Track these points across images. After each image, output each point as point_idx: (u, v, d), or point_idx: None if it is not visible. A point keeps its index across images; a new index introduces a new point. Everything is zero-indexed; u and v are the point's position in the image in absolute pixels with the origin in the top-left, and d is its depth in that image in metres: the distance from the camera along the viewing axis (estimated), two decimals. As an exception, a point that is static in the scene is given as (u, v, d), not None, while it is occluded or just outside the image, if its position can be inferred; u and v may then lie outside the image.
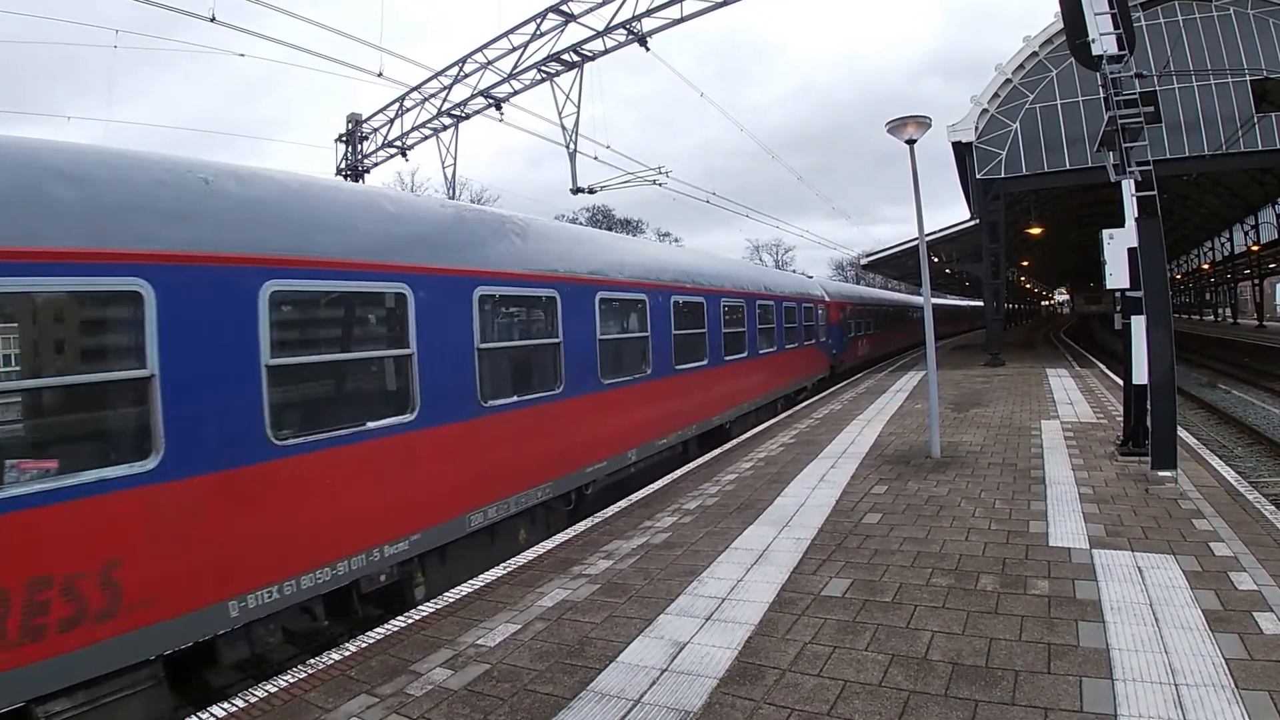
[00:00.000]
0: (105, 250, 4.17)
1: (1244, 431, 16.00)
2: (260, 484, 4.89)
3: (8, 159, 3.99)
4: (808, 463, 10.00)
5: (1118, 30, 8.64)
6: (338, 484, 5.43)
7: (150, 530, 4.28)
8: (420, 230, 6.64)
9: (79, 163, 4.27)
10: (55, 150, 4.26)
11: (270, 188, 5.44)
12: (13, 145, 4.10)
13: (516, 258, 7.67)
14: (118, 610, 4.08)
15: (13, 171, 3.96)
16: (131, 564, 4.16)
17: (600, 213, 68.19)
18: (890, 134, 9.88)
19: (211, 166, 5.03)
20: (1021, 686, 3.81)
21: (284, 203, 5.48)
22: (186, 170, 4.83)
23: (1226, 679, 3.72)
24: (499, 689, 4.22)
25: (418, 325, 6.17)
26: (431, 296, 6.33)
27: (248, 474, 4.81)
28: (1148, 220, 8.18)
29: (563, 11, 17.80)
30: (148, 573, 4.25)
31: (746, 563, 6.11)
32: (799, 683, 4.05)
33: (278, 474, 5.00)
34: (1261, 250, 46.57)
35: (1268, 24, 21.37)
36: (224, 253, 4.79)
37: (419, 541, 6.11)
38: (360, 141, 24.72)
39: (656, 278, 10.71)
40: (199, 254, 4.64)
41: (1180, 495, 7.24)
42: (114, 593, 4.07)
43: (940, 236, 27.03)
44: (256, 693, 4.42)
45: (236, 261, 4.85)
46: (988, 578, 5.41)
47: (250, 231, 5.03)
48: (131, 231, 4.32)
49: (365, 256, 5.80)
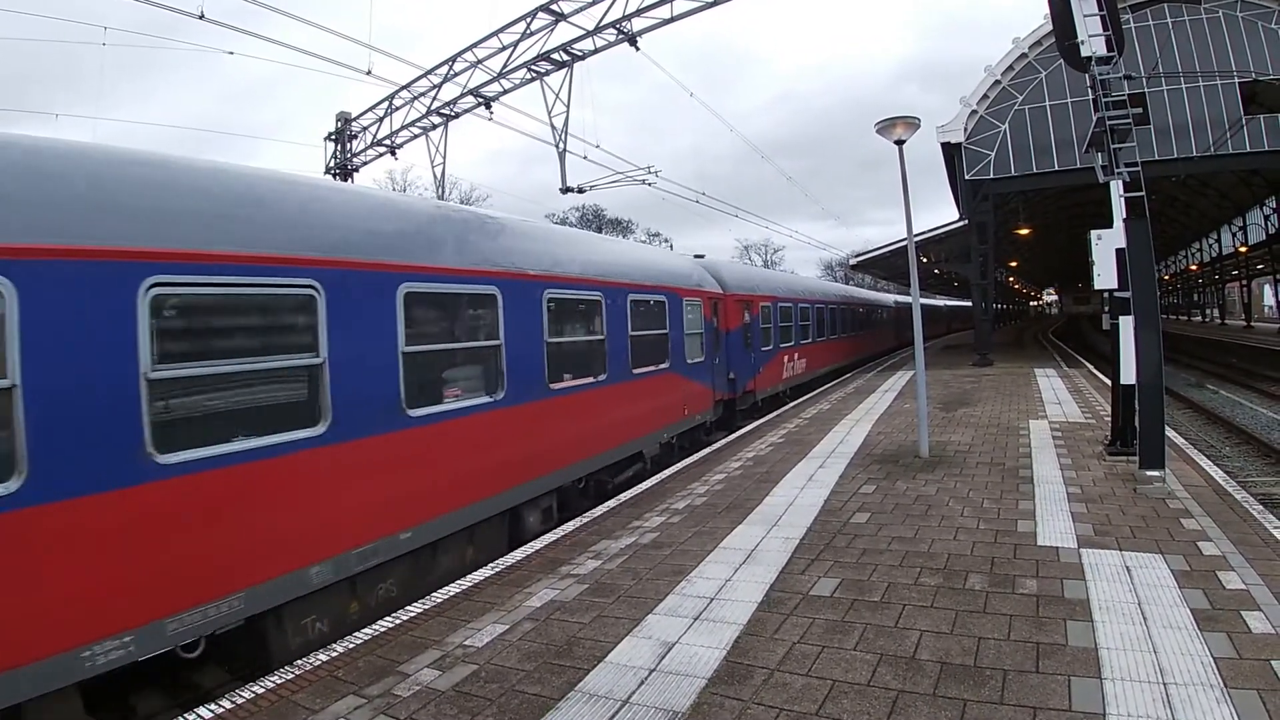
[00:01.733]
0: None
1: (1232, 431, 16.05)
2: (133, 507, 4.23)
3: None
4: (796, 462, 9.99)
5: (1107, 32, 8.69)
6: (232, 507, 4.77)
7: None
8: (335, 220, 5.94)
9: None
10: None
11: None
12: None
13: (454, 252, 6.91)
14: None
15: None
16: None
17: (590, 213, 68.18)
18: (879, 134, 9.88)
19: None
20: (1010, 686, 3.81)
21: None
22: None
23: (1215, 678, 3.73)
24: (487, 689, 4.19)
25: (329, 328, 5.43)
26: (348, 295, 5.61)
27: (120, 496, 4.16)
28: (1136, 221, 8.22)
29: (553, 11, 17.76)
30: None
31: (735, 562, 6.09)
32: (787, 682, 4.03)
33: (156, 496, 4.33)
34: (1249, 252, 46.82)
35: (1256, 26, 21.50)
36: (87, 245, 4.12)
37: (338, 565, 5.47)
38: (349, 140, 24.61)
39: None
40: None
41: (1168, 495, 7.26)
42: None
43: (929, 237, 27.06)
44: (244, 694, 4.38)
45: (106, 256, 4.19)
46: (976, 577, 5.41)
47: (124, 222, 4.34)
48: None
49: (265, 250, 5.10)
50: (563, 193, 19.67)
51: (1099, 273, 8.53)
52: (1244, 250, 47.23)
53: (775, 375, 17.97)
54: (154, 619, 4.28)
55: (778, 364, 18.15)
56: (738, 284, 15.83)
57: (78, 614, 3.97)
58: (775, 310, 17.95)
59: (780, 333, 18.24)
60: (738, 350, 15.25)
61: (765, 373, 17.06)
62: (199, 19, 14.12)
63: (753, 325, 16.33)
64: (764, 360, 16.99)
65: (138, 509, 4.23)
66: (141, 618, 4.23)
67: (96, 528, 4.06)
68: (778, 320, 18.09)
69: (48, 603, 3.85)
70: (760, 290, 17.34)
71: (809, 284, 27.05)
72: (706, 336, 13.37)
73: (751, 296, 16.49)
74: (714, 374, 13.77)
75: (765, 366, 17.09)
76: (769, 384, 17.39)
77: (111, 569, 4.13)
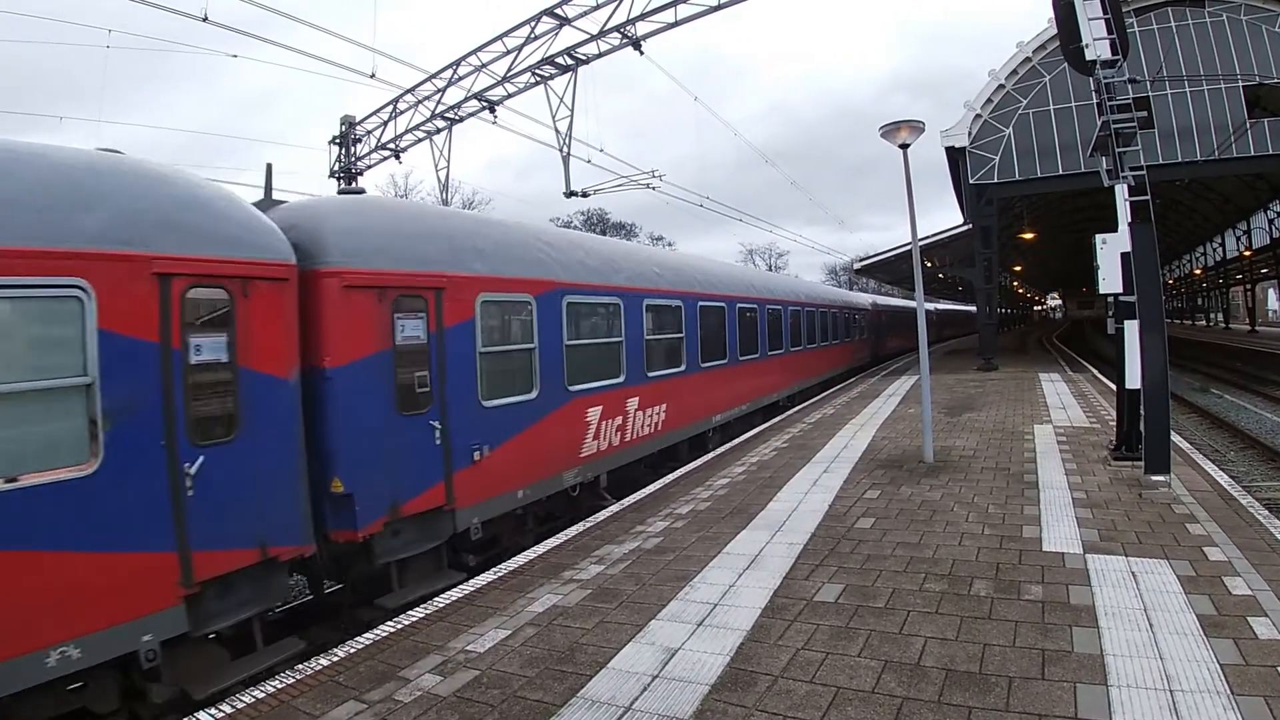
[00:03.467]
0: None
1: (1237, 436, 16.01)
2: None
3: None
4: (801, 467, 9.96)
5: (1111, 35, 8.66)
6: None
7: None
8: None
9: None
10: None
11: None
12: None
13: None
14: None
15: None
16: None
17: (595, 217, 68.28)
18: (884, 138, 9.87)
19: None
20: (1015, 693, 3.78)
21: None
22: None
23: (1222, 684, 3.70)
24: (488, 695, 4.17)
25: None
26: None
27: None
28: (1140, 225, 8.18)
29: (557, 15, 17.77)
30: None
31: (739, 568, 6.07)
32: (791, 689, 4.01)
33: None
34: (1254, 255, 46.80)
35: (1260, 30, 21.46)
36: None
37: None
38: (354, 144, 24.65)
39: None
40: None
41: (1174, 500, 7.23)
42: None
43: (933, 241, 27.05)
44: (244, 698, 4.38)
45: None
46: (981, 583, 5.38)
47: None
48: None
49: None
50: (567, 196, 19.67)
51: (1103, 277, 8.49)
52: (1248, 254, 47.19)
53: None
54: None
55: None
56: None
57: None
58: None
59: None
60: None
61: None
62: (203, 21, 14.16)
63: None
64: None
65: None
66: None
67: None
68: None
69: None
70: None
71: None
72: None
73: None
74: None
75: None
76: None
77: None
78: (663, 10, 16.64)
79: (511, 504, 7.89)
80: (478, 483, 7.31)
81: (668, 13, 16.65)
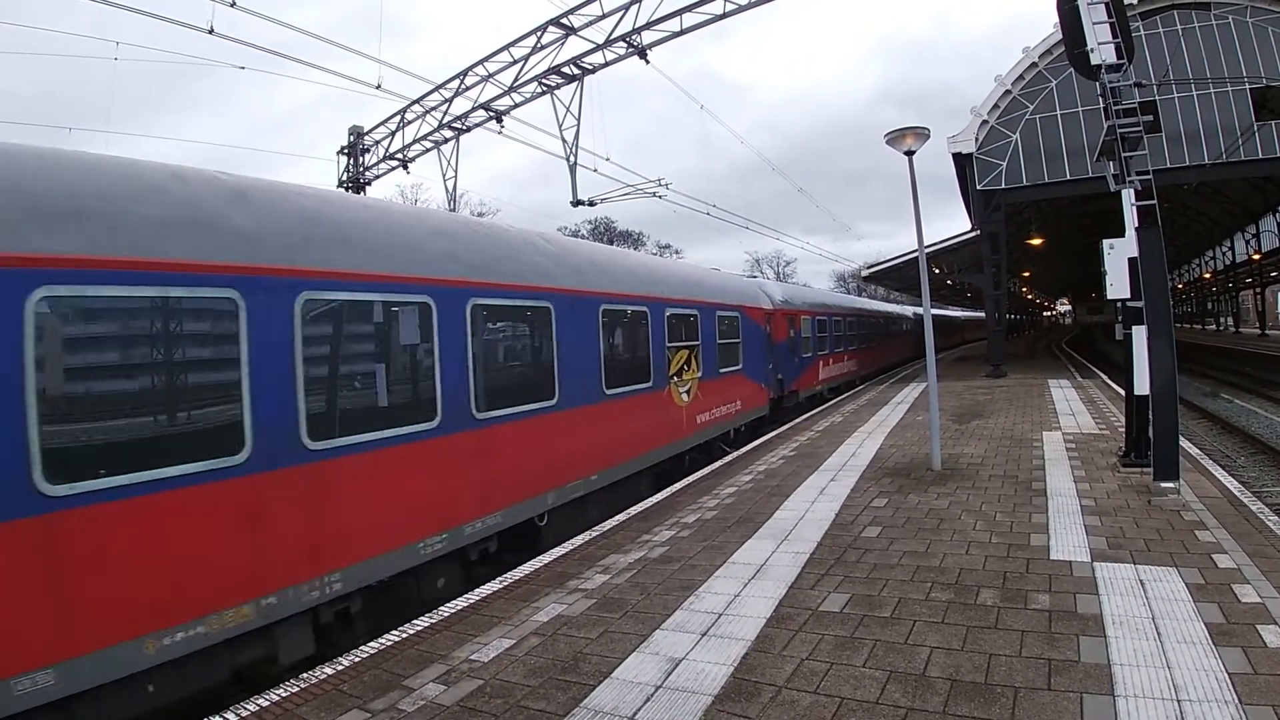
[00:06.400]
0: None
1: (1247, 441, 15.88)
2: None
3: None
4: (807, 476, 9.94)
5: (1116, 39, 8.64)
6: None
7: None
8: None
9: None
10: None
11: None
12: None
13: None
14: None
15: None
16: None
17: (602, 225, 68.48)
18: (889, 145, 9.89)
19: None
20: (1021, 703, 3.75)
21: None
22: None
23: (1230, 694, 3.66)
24: (492, 705, 4.17)
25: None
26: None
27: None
28: (1148, 230, 8.15)
29: (563, 25, 17.86)
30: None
31: (744, 577, 6.05)
32: (795, 700, 3.99)
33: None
34: (1263, 259, 46.49)
35: (1267, 32, 21.41)
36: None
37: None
38: (362, 154, 24.79)
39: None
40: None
41: (1183, 506, 7.17)
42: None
43: (942, 248, 26.98)
44: (248, 706, 4.38)
45: None
46: (988, 592, 5.34)
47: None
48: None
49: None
50: (574, 205, 19.75)
51: (1111, 282, 8.45)
52: (1257, 257, 46.88)
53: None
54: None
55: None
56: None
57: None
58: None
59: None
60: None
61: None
62: (208, 34, 14.30)
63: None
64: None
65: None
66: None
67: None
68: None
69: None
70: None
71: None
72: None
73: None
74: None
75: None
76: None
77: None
78: (668, 19, 16.73)
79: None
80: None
81: (673, 21, 16.75)
